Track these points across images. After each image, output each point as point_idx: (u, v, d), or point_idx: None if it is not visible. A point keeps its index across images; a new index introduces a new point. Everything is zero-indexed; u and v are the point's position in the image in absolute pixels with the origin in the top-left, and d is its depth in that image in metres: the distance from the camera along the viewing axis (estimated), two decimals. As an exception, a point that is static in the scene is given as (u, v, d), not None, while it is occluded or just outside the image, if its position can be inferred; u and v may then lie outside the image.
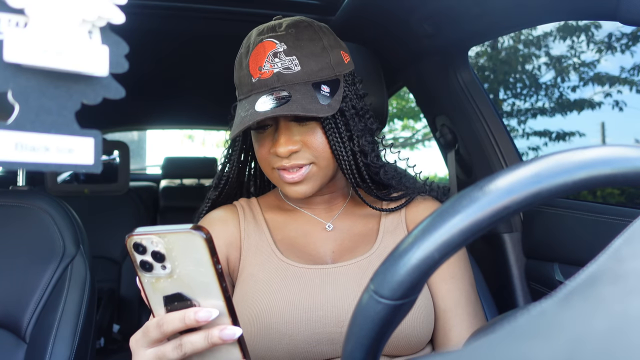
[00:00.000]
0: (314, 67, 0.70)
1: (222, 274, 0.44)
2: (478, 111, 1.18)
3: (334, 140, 0.72)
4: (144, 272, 0.44)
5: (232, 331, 0.45)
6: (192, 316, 0.44)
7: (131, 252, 0.44)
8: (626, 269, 0.19)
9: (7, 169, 1.43)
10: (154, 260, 0.44)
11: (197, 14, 1.22)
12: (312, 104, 0.67)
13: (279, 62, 0.69)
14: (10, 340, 0.92)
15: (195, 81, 1.99)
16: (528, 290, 1.12)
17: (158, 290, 0.45)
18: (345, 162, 0.74)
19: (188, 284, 0.44)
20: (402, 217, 0.81)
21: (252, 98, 0.70)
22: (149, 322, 0.47)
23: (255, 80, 0.70)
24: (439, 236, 0.32)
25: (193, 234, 0.42)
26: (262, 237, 0.79)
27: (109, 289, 2.13)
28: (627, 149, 0.32)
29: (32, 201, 0.99)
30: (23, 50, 0.25)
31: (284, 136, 0.71)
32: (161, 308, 0.46)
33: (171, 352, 0.46)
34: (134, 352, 0.49)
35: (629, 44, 5.33)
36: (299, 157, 0.72)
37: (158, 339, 0.46)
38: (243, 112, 0.70)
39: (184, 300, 0.45)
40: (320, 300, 0.69)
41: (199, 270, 0.43)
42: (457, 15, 1.00)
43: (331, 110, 0.68)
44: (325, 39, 0.73)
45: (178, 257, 0.43)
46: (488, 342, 0.19)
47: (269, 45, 0.70)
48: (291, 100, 0.66)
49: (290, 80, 0.69)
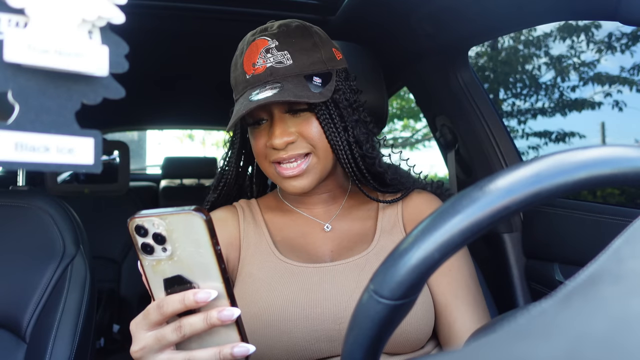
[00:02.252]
0: (305, 61, 0.71)
1: (221, 255, 0.44)
2: (478, 111, 1.18)
3: (329, 130, 0.73)
4: (145, 255, 0.45)
5: (230, 312, 0.45)
6: (191, 297, 0.45)
7: (133, 234, 0.45)
8: (626, 269, 0.19)
9: (7, 169, 1.43)
10: (155, 243, 0.44)
11: (197, 14, 1.22)
12: (303, 91, 0.68)
13: (271, 57, 0.71)
14: (10, 340, 0.92)
15: (195, 81, 1.99)
16: (528, 290, 1.12)
17: (158, 273, 0.46)
18: (342, 152, 0.74)
19: (188, 266, 0.45)
20: (398, 214, 0.81)
21: (247, 94, 0.72)
22: (150, 305, 0.48)
23: (249, 77, 0.72)
24: (439, 236, 0.32)
25: (193, 215, 0.43)
26: (261, 238, 0.79)
27: (109, 289, 2.13)
28: (627, 149, 0.32)
29: (32, 201, 0.99)
30: (23, 50, 0.25)
31: (279, 128, 0.72)
32: (161, 291, 0.47)
33: (171, 334, 0.46)
34: (134, 336, 0.49)
35: (628, 43, 5.33)
36: (295, 147, 0.73)
37: (158, 321, 0.47)
38: (238, 107, 0.72)
39: (183, 283, 0.46)
40: (318, 298, 0.70)
41: (198, 251, 0.44)
42: (457, 15, 1.00)
43: (322, 97, 0.69)
44: (317, 36, 0.75)
45: (178, 238, 0.44)
46: (488, 342, 0.19)
47: (262, 42, 0.72)
48: (283, 89, 0.68)
49: (283, 74, 0.70)
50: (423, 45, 1.17)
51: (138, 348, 0.48)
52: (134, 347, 0.49)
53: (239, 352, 0.47)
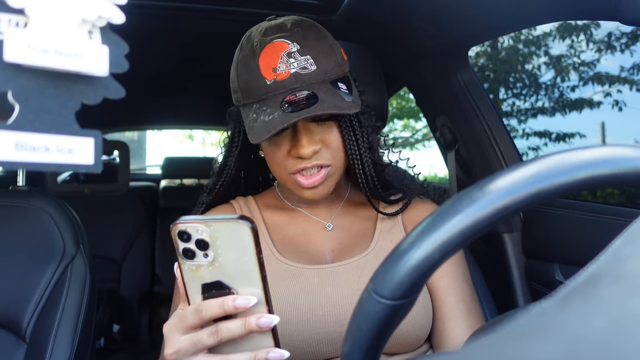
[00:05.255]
0: (327, 66, 0.69)
1: (263, 263, 0.45)
2: (478, 111, 1.18)
3: (349, 139, 0.72)
4: (185, 260, 0.46)
5: (269, 319, 0.46)
6: (230, 303, 0.45)
7: (175, 239, 0.45)
8: (626, 269, 0.19)
9: (7, 169, 1.43)
10: (197, 248, 0.45)
11: (197, 14, 1.22)
12: (341, 101, 0.67)
13: (294, 62, 0.67)
14: (10, 340, 0.92)
15: (195, 81, 1.99)
16: (528, 290, 1.12)
17: (197, 278, 0.46)
18: (358, 161, 0.74)
19: (229, 272, 0.46)
20: (398, 217, 0.81)
21: (270, 101, 0.68)
22: (186, 309, 0.48)
23: (271, 82, 0.67)
24: (439, 236, 0.32)
25: (240, 224, 0.43)
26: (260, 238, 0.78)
27: (109, 289, 2.13)
28: (627, 149, 0.32)
29: (32, 201, 0.99)
30: (23, 50, 0.25)
31: (306, 137, 0.69)
32: (198, 296, 0.47)
33: (207, 338, 0.47)
34: (167, 339, 0.49)
35: (628, 43, 5.33)
36: (319, 157, 0.71)
37: (195, 325, 0.47)
38: (265, 116, 0.67)
39: (222, 289, 0.46)
40: (319, 301, 0.69)
41: (242, 259, 0.45)
42: (458, 15, 1.00)
43: (357, 106, 0.68)
44: (329, 37, 0.73)
45: (222, 245, 0.45)
46: (488, 342, 0.19)
47: (281, 45, 0.68)
48: (320, 99, 0.65)
49: (309, 80, 0.67)
50: (424, 45, 1.17)
51: (172, 351, 0.48)
52: (167, 350, 0.49)
53: (274, 357, 0.47)
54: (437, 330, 0.73)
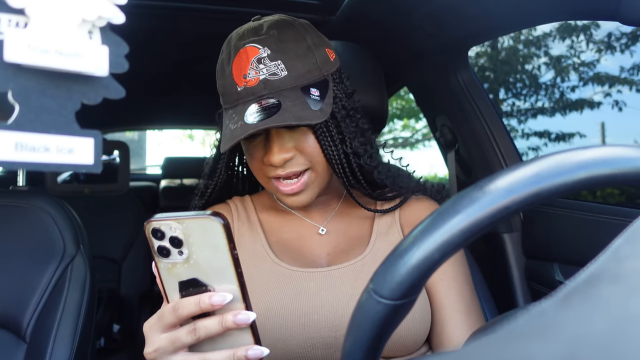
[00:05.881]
0: (300, 70, 0.67)
1: (237, 259, 0.45)
2: (478, 111, 1.18)
3: (326, 145, 0.70)
4: (161, 258, 0.46)
5: (246, 316, 0.46)
6: (207, 300, 0.45)
7: (149, 237, 0.45)
8: (626, 269, 0.19)
9: (7, 169, 1.43)
10: (171, 246, 0.45)
11: (197, 14, 1.22)
12: (303, 110, 0.65)
13: (264, 68, 0.66)
14: (10, 340, 0.92)
15: (195, 81, 1.99)
16: (528, 290, 1.12)
17: (174, 276, 0.46)
18: (339, 166, 0.72)
19: (204, 269, 0.45)
20: (395, 217, 0.80)
21: (239, 108, 0.68)
22: (164, 307, 0.48)
23: (241, 89, 0.67)
24: (439, 236, 0.32)
25: (212, 220, 0.43)
26: (256, 239, 0.77)
27: (109, 289, 2.13)
28: (627, 149, 0.32)
29: (32, 201, 0.99)
30: (23, 50, 0.25)
31: (277, 145, 0.69)
32: (176, 294, 0.47)
33: (185, 337, 0.47)
34: (148, 338, 0.49)
35: (628, 43, 5.33)
36: (293, 164, 0.70)
37: (173, 324, 0.47)
38: (232, 124, 0.67)
39: (199, 286, 0.46)
40: (315, 305, 0.68)
41: (215, 255, 0.44)
42: (457, 15, 1.00)
43: (323, 115, 0.66)
44: (309, 37, 0.71)
45: (195, 242, 0.44)
46: (488, 342, 0.19)
47: (252, 50, 0.67)
48: (282, 109, 0.64)
49: (278, 87, 0.66)
50: (424, 45, 1.17)
51: (152, 350, 0.48)
52: (147, 348, 0.49)
53: (253, 354, 0.47)
54: (436, 333, 0.72)
